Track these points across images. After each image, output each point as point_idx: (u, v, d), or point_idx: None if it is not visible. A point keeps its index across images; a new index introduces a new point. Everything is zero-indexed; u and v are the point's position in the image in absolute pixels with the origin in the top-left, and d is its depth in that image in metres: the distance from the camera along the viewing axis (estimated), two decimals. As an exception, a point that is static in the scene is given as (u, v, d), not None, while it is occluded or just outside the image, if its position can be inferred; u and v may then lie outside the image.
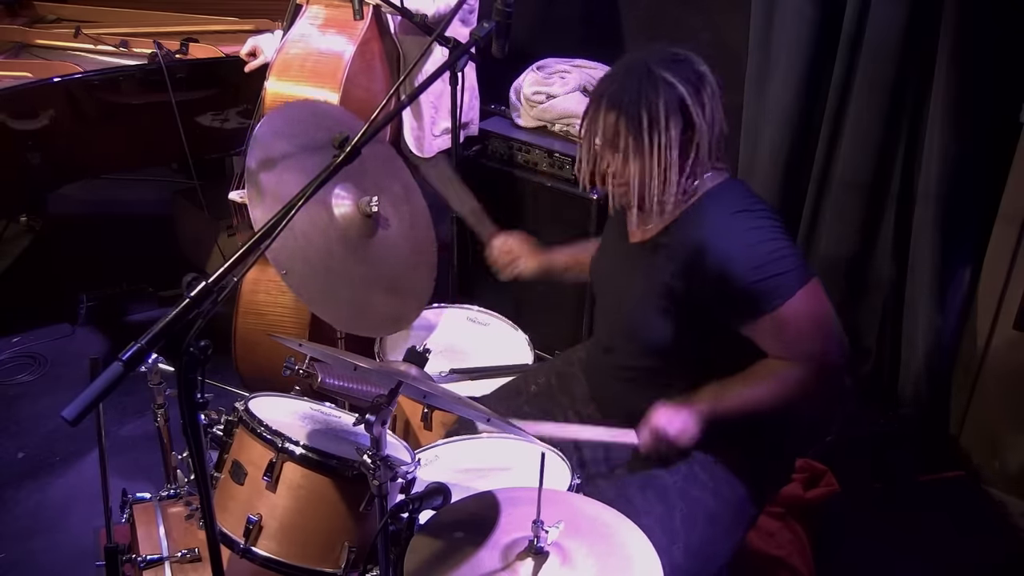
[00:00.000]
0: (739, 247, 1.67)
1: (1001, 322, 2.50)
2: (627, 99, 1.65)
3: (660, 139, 1.65)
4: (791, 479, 2.33)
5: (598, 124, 1.70)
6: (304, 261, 1.89)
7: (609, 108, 1.68)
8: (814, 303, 1.68)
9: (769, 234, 1.69)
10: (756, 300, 1.66)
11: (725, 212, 1.71)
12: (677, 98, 1.65)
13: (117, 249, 3.91)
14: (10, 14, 3.27)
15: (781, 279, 1.65)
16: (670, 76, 1.65)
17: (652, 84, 1.65)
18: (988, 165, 2.41)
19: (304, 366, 1.93)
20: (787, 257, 1.67)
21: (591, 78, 3.11)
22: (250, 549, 1.62)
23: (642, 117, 1.64)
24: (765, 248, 1.67)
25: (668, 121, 1.64)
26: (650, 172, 1.67)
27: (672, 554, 1.68)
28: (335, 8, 2.60)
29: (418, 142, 2.74)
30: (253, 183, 1.84)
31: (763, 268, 1.65)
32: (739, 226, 1.69)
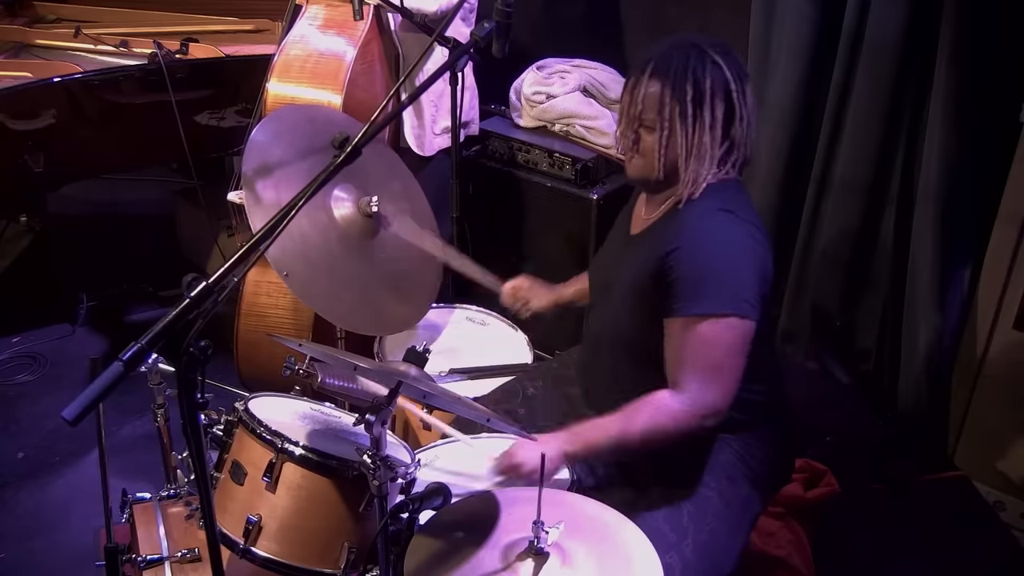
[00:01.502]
0: (703, 240, 1.64)
1: (1001, 322, 2.49)
2: (675, 70, 1.64)
3: (704, 115, 1.64)
4: (791, 479, 2.32)
5: (640, 92, 1.68)
6: (305, 262, 1.89)
7: (655, 77, 1.66)
8: (736, 342, 1.62)
9: (741, 249, 1.65)
10: (684, 293, 1.61)
11: (711, 207, 1.68)
12: (723, 81, 1.64)
13: (117, 249, 3.91)
14: (10, 14, 3.27)
15: (718, 291, 1.60)
16: (719, 59, 1.65)
17: (701, 61, 1.64)
18: (988, 165, 2.41)
19: (304, 366, 1.93)
20: (739, 277, 1.62)
21: (591, 78, 3.11)
22: (250, 549, 1.62)
23: (688, 90, 1.63)
24: (726, 253, 1.64)
25: (713, 99, 1.64)
26: (686, 146, 1.66)
27: (683, 551, 1.68)
28: (335, 8, 2.60)
29: (419, 140, 2.74)
30: (250, 189, 1.84)
31: (713, 272, 1.62)
32: (715, 223, 1.66)
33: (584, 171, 2.90)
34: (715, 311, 1.60)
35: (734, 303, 1.61)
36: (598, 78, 3.12)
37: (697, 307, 1.61)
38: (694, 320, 1.61)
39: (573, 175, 2.90)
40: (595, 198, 2.86)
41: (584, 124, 3.01)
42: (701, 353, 1.62)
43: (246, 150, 1.90)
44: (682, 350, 1.64)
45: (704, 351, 1.62)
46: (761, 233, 1.70)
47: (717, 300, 1.60)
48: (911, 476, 2.52)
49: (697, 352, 1.62)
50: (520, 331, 2.39)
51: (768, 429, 1.85)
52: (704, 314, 1.60)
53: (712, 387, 1.63)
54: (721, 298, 1.60)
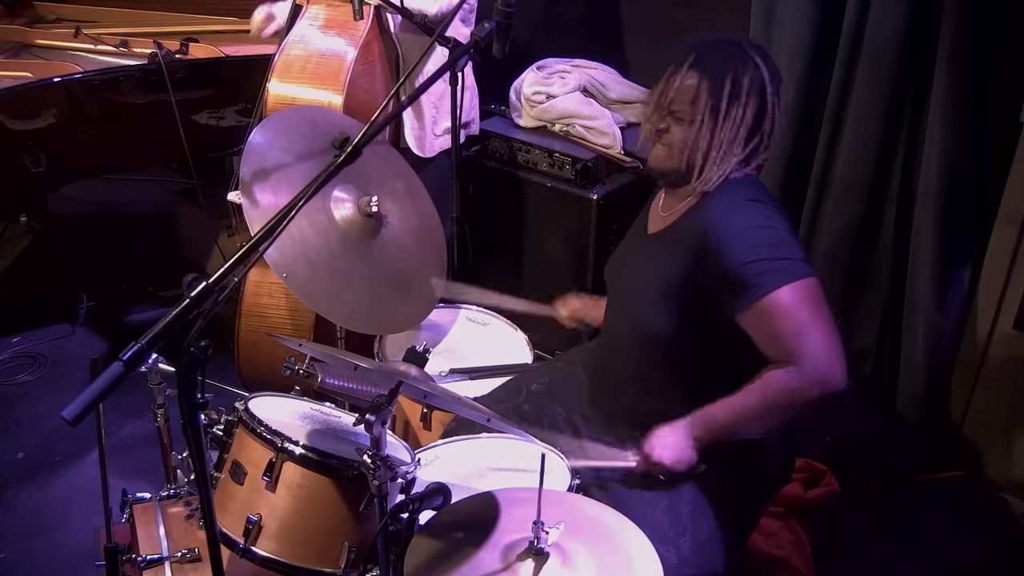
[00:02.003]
0: (740, 228, 1.65)
1: (1001, 322, 2.49)
2: (715, 65, 1.65)
3: (737, 112, 1.65)
4: (791, 479, 2.33)
5: (676, 82, 1.68)
6: (306, 263, 1.89)
7: (694, 69, 1.67)
8: (809, 300, 1.63)
9: (774, 223, 1.67)
10: (749, 281, 1.62)
11: (736, 198, 1.70)
12: (760, 81, 1.66)
13: (117, 249, 3.91)
14: (10, 14, 3.27)
15: (777, 264, 1.62)
16: (759, 59, 1.67)
17: (742, 60, 1.66)
18: (988, 165, 2.41)
19: (304, 366, 1.93)
20: (788, 247, 1.64)
21: (591, 78, 3.11)
22: (250, 549, 1.62)
23: (725, 85, 1.64)
24: (766, 233, 1.65)
25: (748, 98, 1.65)
26: (714, 142, 1.67)
27: (680, 547, 1.68)
28: (335, 8, 2.59)
29: (419, 142, 2.74)
30: (247, 191, 1.84)
31: (760, 249, 1.62)
32: (746, 210, 1.69)
33: (584, 171, 2.90)
34: (784, 281, 1.61)
35: (796, 268, 1.62)
36: (598, 78, 3.12)
37: (763, 288, 1.61)
38: (772, 298, 1.61)
39: (573, 175, 2.90)
40: (595, 198, 2.86)
41: (584, 124, 3.01)
42: (790, 324, 1.61)
43: (245, 152, 1.90)
44: (772, 331, 1.63)
45: (792, 321, 1.61)
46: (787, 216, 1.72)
47: (780, 272, 1.61)
48: (911, 476, 2.52)
49: (786, 325, 1.61)
50: (520, 331, 2.39)
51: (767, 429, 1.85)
52: (779, 287, 1.60)
53: (820, 347, 1.61)
54: (783, 269, 1.61)
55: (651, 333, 1.79)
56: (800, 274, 1.63)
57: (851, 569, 2.28)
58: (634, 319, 1.84)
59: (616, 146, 2.98)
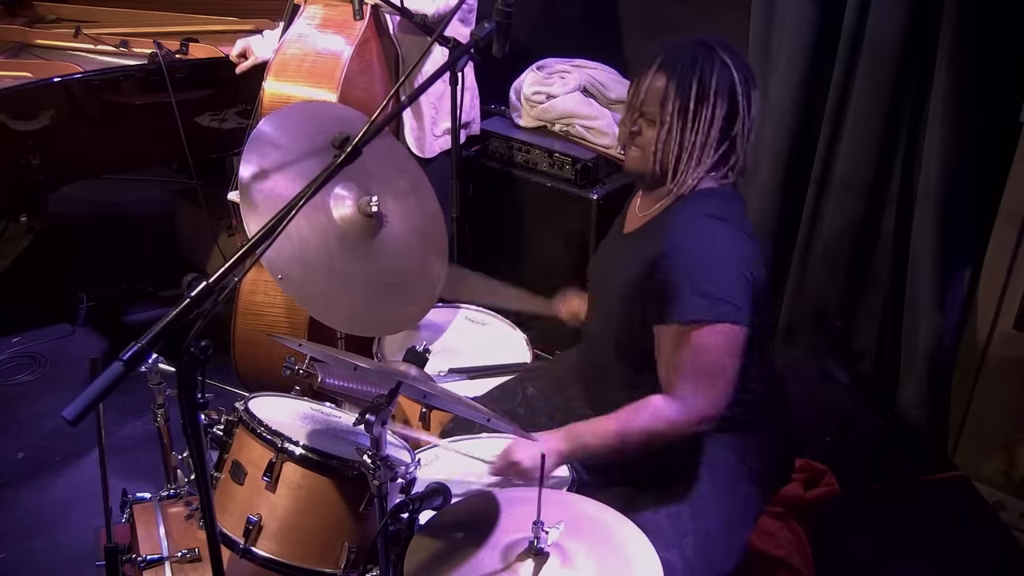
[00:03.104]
0: (693, 248, 1.64)
1: (1001, 322, 2.49)
2: (682, 66, 1.65)
3: (705, 113, 1.64)
4: (791, 479, 2.32)
5: (645, 83, 1.68)
6: (302, 264, 1.88)
7: (661, 71, 1.67)
8: (729, 349, 1.62)
9: (730, 252, 1.65)
10: (676, 301, 1.61)
11: (701, 213, 1.69)
12: (729, 81, 1.65)
13: (117, 249, 3.91)
14: (10, 14, 3.27)
15: (714, 301, 1.60)
16: (728, 59, 1.66)
17: (710, 60, 1.65)
18: (988, 165, 2.41)
19: (304, 366, 1.93)
20: (730, 286, 1.62)
21: (591, 78, 3.11)
22: (250, 549, 1.62)
23: (692, 86, 1.64)
24: (716, 262, 1.63)
25: (716, 99, 1.64)
26: (684, 144, 1.66)
27: (684, 549, 1.68)
28: (333, 8, 2.60)
29: (419, 143, 2.74)
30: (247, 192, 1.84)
31: (705, 280, 1.61)
32: (707, 231, 1.67)
33: (584, 171, 2.90)
34: (707, 318, 1.60)
35: (725, 311, 1.60)
36: (598, 78, 3.12)
37: (688, 314, 1.61)
38: (686, 327, 1.61)
39: (573, 175, 2.90)
40: (595, 198, 2.86)
41: (584, 124, 3.01)
42: (693, 360, 1.62)
43: (244, 153, 1.90)
44: (674, 357, 1.64)
45: (696, 358, 1.62)
46: (752, 241, 1.70)
47: (708, 308, 1.60)
48: (911, 476, 2.52)
49: (689, 359, 1.62)
50: (519, 331, 2.39)
51: (767, 429, 1.85)
52: (696, 321, 1.60)
53: (705, 393, 1.63)
54: (713, 306, 1.60)
55: (616, 331, 1.79)
56: (727, 318, 1.61)
57: (851, 569, 2.28)
58: (604, 317, 1.85)
59: (616, 146, 2.98)
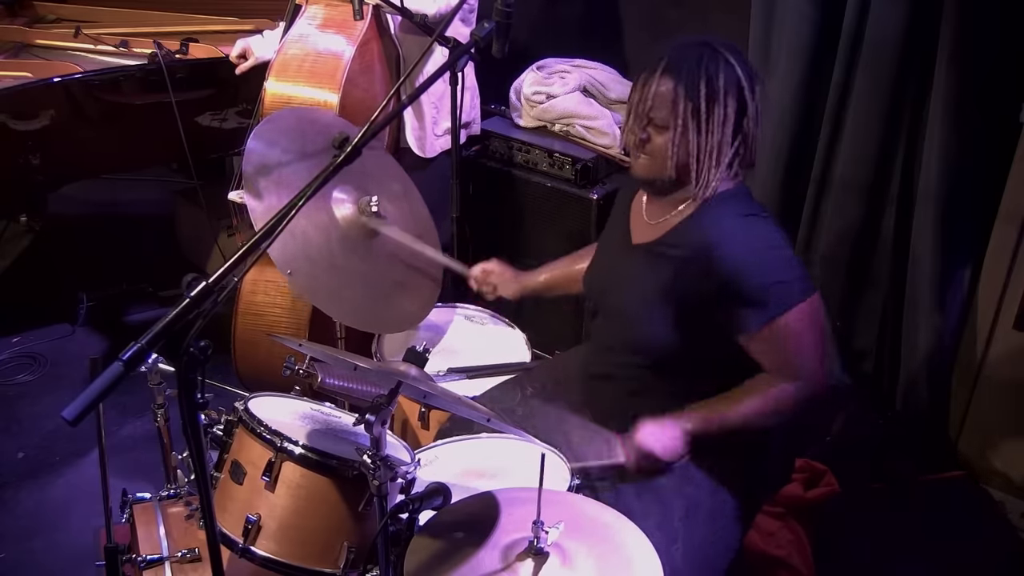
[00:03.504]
0: (749, 250, 1.66)
1: (1001, 322, 2.49)
2: (688, 68, 1.63)
3: (718, 112, 1.64)
4: (791, 479, 2.33)
5: (651, 89, 1.66)
6: (308, 261, 1.89)
7: (667, 74, 1.65)
8: (815, 317, 1.67)
9: (778, 241, 1.69)
10: (761, 305, 1.64)
11: (736, 214, 1.70)
12: (735, 78, 1.64)
13: (117, 249, 3.91)
14: (10, 14, 3.27)
15: (787, 287, 1.64)
16: (731, 57, 1.65)
17: (715, 59, 1.64)
18: (988, 165, 2.41)
19: (304, 366, 1.93)
20: (794, 267, 1.67)
21: (591, 78, 3.11)
22: (249, 549, 1.62)
23: (701, 87, 1.62)
24: (774, 254, 1.67)
25: (726, 97, 1.63)
26: (701, 146, 1.66)
27: (672, 555, 1.67)
28: (334, 8, 2.60)
29: (420, 142, 2.74)
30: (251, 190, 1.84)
31: (771, 273, 1.64)
32: (750, 230, 1.69)
33: (584, 171, 2.90)
34: (794, 302, 1.64)
35: (803, 288, 1.66)
36: (598, 78, 3.12)
37: (781, 307, 1.64)
38: (781, 320, 1.64)
39: (573, 175, 2.90)
40: (595, 198, 2.86)
41: (584, 124, 3.01)
42: (797, 342, 1.67)
43: (245, 152, 1.90)
44: (786, 350, 1.67)
45: (799, 339, 1.66)
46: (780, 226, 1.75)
47: (790, 295, 1.64)
48: (911, 476, 2.52)
49: (795, 343, 1.66)
50: (518, 330, 2.39)
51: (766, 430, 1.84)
52: (786, 310, 1.64)
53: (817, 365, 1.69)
54: (793, 289, 1.64)
55: (646, 343, 1.78)
56: (807, 292, 1.66)
57: (851, 569, 2.28)
58: (628, 329, 1.82)
59: (616, 146, 2.98)
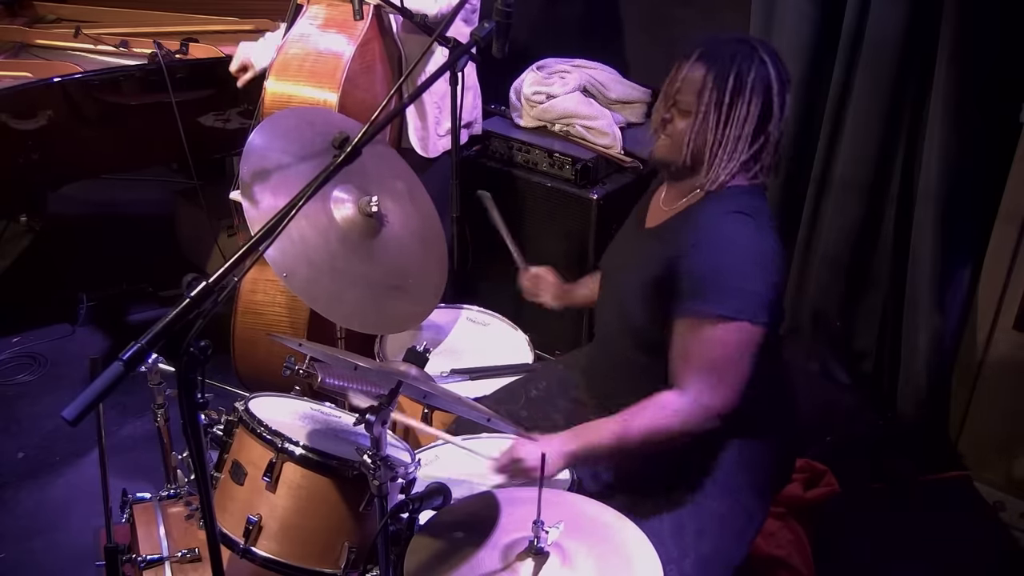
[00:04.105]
0: (721, 238, 1.64)
1: (1001, 322, 2.50)
2: (721, 59, 1.64)
3: (741, 108, 1.64)
4: (791, 479, 2.33)
5: (683, 73, 1.68)
6: (307, 263, 1.89)
7: (700, 61, 1.66)
8: (744, 347, 1.60)
9: (756, 254, 1.64)
10: (698, 296, 1.60)
11: (730, 207, 1.68)
12: (765, 80, 1.65)
13: (117, 249, 3.91)
14: (10, 14, 3.27)
15: (734, 297, 1.59)
16: (767, 58, 1.66)
17: (749, 56, 1.65)
18: (988, 165, 2.41)
19: (304, 366, 1.92)
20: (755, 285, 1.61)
21: (591, 78, 3.11)
22: (250, 549, 1.62)
23: (730, 79, 1.63)
24: (748, 261, 1.62)
25: (752, 95, 1.64)
26: (718, 137, 1.66)
27: (683, 566, 1.66)
28: (335, 8, 2.59)
29: (422, 142, 2.74)
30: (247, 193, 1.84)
31: (726, 275, 1.61)
32: (737, 223, 1.65)
33: (584, 171, 2.90)
34: (725, 314, 1.59)
35: (745, 308, 1.59)
36: (598, 78, 3.12)
37: (707, 308, 1.60)
38: (703, 321, 1.60)
39: (573, 175, 2.90)
40: (595, 198, 2.86)
41: (584, 124, 3.01)
42: (708, 355, 1.61)
43: (244, 153, 1.90)
44: (688, 350, 1.63)
45: (711, 353, 1.61)
46: (778, 243, 1.69)
47: (728, 303, 1.59)
48: (911, 476, 2.52)
49: (704, 353, 1.61)
50: (520, 331, 2.39)
51: (773, 435, 1.84)
52: (714, 316, 1.59)
53: (717, 389, 1.61)
54: (732, 301, 1.59)
55: (637, 327, 1.78)
56: (748, 315, 1.60)
57: (851, 569, 2.28)
58: (623, 312, 1.83)
59: (616, 146, 2.98)
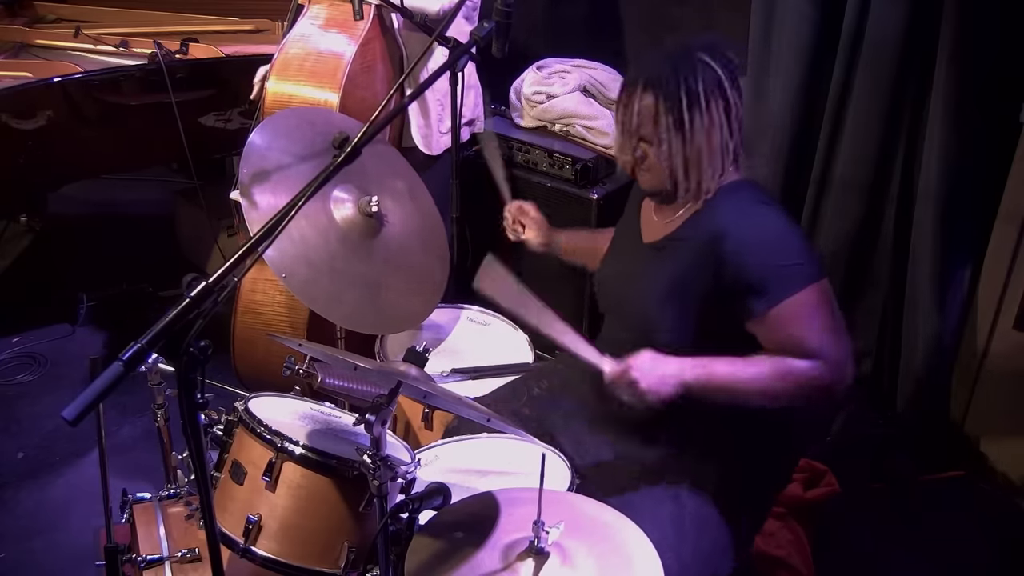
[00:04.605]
0: (760, 232, 1.67)
1: (1001, 322, 2.49)
2: (664, 79, 1.64)
3: (702, 119, 1.64)
4: (791, 479, 2.33)
5: (634, 106, 1.67)
6: (306, 264, 1.89)
7: (646, 89, 1.65)
8: (822, 300, 1.66)
9: (784, 226, 1.69)
10: (772, 284, 1.63)
11: (744, 202, 1.71)
12: (714, 80, 1.64)
13: (117, 249, 3.91)
14: (10, 14, 3.27)
15: (791, 271, 1.64)
16: (707, 58, 1.65)
17: (689, 65, 1.64)
18: (988, 165, 2.41)
19: (304, 366, 1.93)
20: (804, 250, 1.67)
21: (591, 78, 3.12)
22: (250, 549, 1.62)
23: (681, 97, 1.62)
24: (784, 237, 1.67)
25: (708, 101, 1.64)
26: (691, 154, 1.66)
27: (682, 554, 1.66)
28: (336, 8, 2.59)
29: (425, 140, 2.74)
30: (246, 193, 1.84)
31: (781, 254, 1.64)
32: (759, 214, 1.70)
33: (584, 171, 2.90)
34: (805, 283, 1.63)
35: (807, 274, 1.64)
36: (598, 78, 3.12)
37: (788, 290, 1.62)
38: (793, 302, 1.63)
39: (573, 175, 2.90)
40: (595, 198, 2.86)
41: (584, 124, 3.01)
42: (814, 323, 1.64)
43: (244, 153, 1.90)
44: (797, 331, 1.64)
45: (816, 320, 1.64)
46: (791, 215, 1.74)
47: (801, 275, 1.63)
48: (911, 476, 2.52)
49: (807, 324, 1.64)
50: (521, 331, 2.39)
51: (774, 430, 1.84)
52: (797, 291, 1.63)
53: (835, 342, 1.65)
54: (796, 275, 1.63)
55: (661, 339, 1.75)
56: (814, 277, 1.65)
57: (851, 569, 2.28)
58: (641, 326, 1.81)
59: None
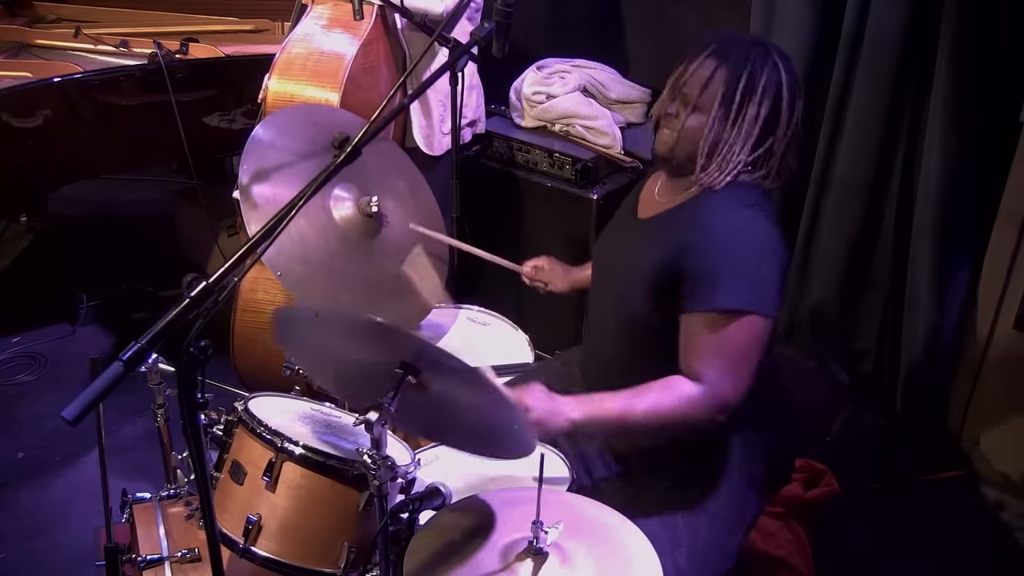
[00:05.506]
0: (727, 230, 1.60)
1: (1001, 322, 2.50)
2: (734, 56, 1.61)
3: (750, 108, 1.61)
4: (791, 479, 2.33)
5: (693, 66, 1.64)
6: (303, 262, 1.89)
7: (714, 56, 1.63)
8: (756, 339, 1.58)
9: (765, 246, 1.61)
10: (708, 289, 1.57)
11: (737, 201, 1.64)
12: (777, 83, 1.62)
13: (117, 249, 3.91)
14: (10, 14, 3.27)
15: (746, 290, 1.57)
16: (780, 63, 1.63)
17: (763, 57, 1.62)
18: (988, 165, 2.41)
19: (304, 366, 1.92)
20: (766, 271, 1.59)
21: (591, 78, 3.12)
22: (250, 549, 1.62)
23: (742, 78, 1.60)
24: (752, 254, 1.59)
25: (763, 96, 1.61)
26: (721, 136, 1.63)
27: (676, 558, 1.66)
28: (339, 8, 2.59)
29: (427, 140, 2.74)
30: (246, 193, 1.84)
31: (737, 267, 1.58)
32: (744, 218, 1.62)
33: (584, 171, 2.90)
34: (738, 307, 1.56)
35: (757, 300, 1.57)
36: (598, 78, 3.12)
37: (720, 303, 1.57)
38: (715, 315, 1.57)
39: (573, 175, 2.90)
40: (595, 198, 2.86)
41: (584, 124, 3.01)
42: (720, 347, 1.58)
43: (244, 152, 1.90)
44: (701, 343, 1.60)
45: (723, 345, 1.58)
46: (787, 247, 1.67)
47: (740, 296, 1.56)
48: (911, 476, 2.53)
49: (716, 346, 1.58)
50: (520, 331, 2.39)
51: (768, 428, 1.84)
52: (727, 309, 1.57)
53: (729, 379, 1.58)
54: (744, 295, 1.57)
55: (633, 316, 1.74)
56: (762, 307, 1.58)
57: (851, 569, 2.28)
58: (618, 301, 1.79)
59: (616, 146, 2.98)
